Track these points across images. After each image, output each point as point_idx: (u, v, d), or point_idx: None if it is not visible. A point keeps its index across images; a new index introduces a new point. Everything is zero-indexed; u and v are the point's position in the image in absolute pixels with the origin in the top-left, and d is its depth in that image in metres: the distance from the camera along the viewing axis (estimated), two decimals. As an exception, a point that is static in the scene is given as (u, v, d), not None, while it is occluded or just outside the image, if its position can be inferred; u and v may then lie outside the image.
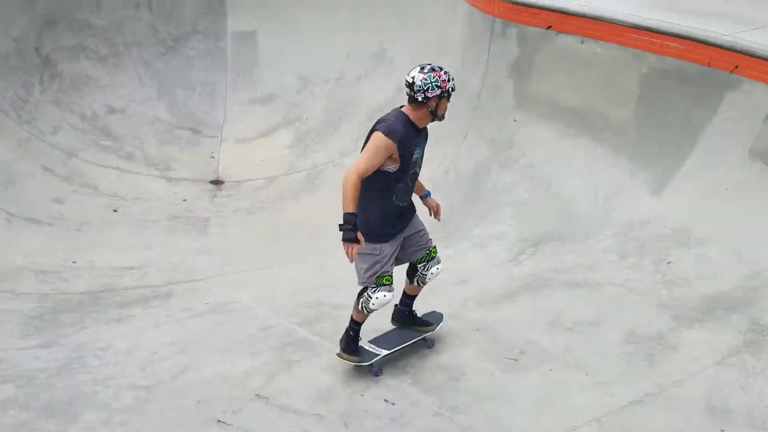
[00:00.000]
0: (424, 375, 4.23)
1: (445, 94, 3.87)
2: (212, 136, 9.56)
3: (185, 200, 8.20)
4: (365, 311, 4.08)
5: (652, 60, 6.16)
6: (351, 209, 3.68)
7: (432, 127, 8.18)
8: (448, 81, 3.85)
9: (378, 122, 3.87)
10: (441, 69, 3.87)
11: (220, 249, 7.09)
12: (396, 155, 3.76)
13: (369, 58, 9.77)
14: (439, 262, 4.33)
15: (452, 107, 7.60)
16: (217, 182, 8.77)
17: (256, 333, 4.87)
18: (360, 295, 4.09)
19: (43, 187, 7.59)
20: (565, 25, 6.60)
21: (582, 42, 6.48)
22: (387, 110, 8.76)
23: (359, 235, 3.71)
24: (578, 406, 3.87)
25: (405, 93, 3.87)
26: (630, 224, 5.82)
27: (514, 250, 5.99)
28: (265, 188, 8.61)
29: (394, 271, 4.09)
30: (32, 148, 8.04)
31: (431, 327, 4.49)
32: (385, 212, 3.90)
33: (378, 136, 3.72)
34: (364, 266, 3.98)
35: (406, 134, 3.81)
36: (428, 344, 4.52)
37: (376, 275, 3.99)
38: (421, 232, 4.22)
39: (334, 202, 7.92)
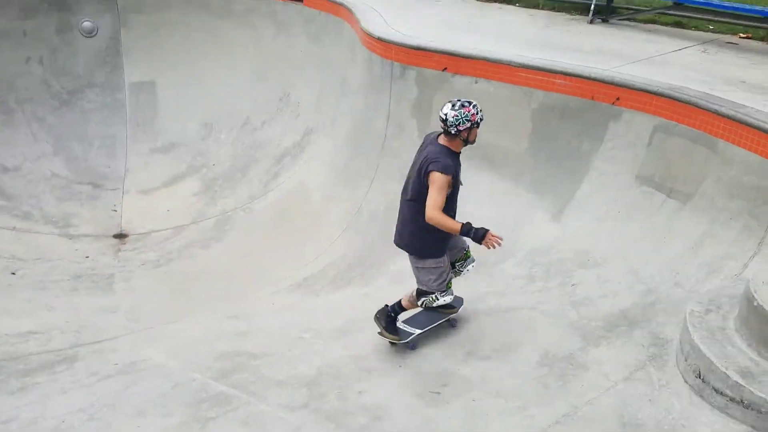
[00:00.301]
0: (345, 419, 4.20)
1: (475, 126, 4.40)
2: (114, 189, 9.27)
3: (88, 257, 7.85)
4: (423, 306, 4.86)
5: (540, 96, 6.56)
6: (458, 225, 4.32)
7: (341, 168, 8.35)
8: (477, 114, 4.36)
9: (429, 162, 4.38)
10: (470, 104, 4.37)
11: (127, 305, 6.82)
12: (451, 183, 4.39)
13: (274, 102, 9.85)
14: (474, 261, 5.00)
15: (361, 147, 7.86)
16: (120, 236, 8.46)
17: (170, 391, 4.68)
18: (422, 294, 4.81)
19: (-71, 254, 7.06)
20: (459, 67, 6.94)
21: (476, 82, 6.83)
22: (295, 153, 9.10)
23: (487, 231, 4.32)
24: (500, 432, 3.97)
25: (440, 126, 4.42)
26: (536, 250, 6.10)
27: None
28: (173, 238, 8.39)
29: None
30: None
31: (454, 310, 5.15)
32: (443, 231, 4.42)
33: (438, 176, 4.30)
34: (433, 277, 4.72)
35: (453, 164, 4.43)
36: (452, 323, 5.20)
37: (444, 282, 4.76)
38: (456, 237, 4.70)
39: (244, 248, 7.93)
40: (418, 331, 4.96)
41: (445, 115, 4.33)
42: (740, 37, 8.57)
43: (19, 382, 5.03)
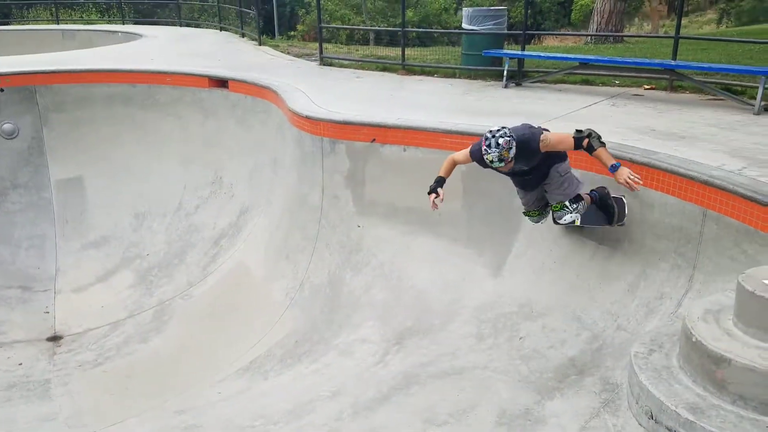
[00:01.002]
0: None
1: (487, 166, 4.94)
2: (45, 290, 8.90)
3: (21, 364, 7.42)
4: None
5: (468, 157, 6.80)
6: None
7: (280, 243, 8.27)
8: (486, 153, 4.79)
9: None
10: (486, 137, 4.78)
11: (67, 411, 6.46)
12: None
13: (206, 186, 9.83)
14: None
15: (298, 221, 7.86)
16: (55, 338, 8.07)
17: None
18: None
19: None
20: (386, 137, 7.16)
21: (404, 150, 7.05)
22: (232, 234, 9.02)
23: None
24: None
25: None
26: (481, 306, 6.18)
27: (379, 352, 6.06)
28: (110, 335, 8.05)
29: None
30: None
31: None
32: None
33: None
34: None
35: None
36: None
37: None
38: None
39: (186, 337, 7.70)
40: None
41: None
42: (645, 89, 9.21)
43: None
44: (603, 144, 4.85)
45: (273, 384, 6.15)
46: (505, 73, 9.64)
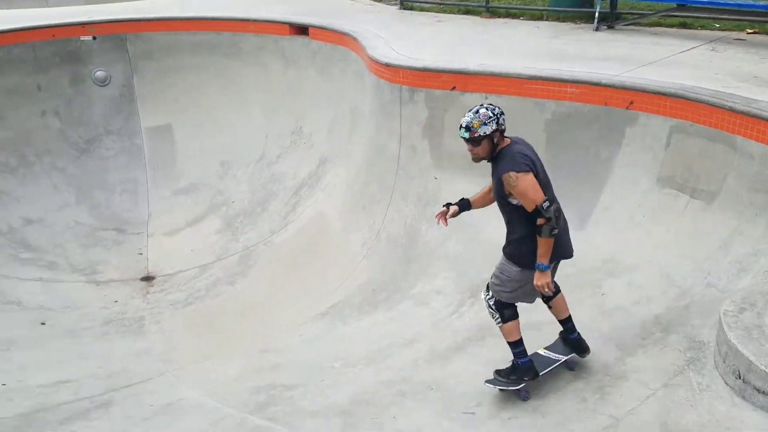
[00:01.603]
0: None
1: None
2: (138, 233, 9.38)
3: (117, 302, 7.91)
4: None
5: (552, 106, 6.55)
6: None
7: (357, 194, 8.31)
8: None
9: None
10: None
11: (160, 347, 6.85)
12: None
13: (287, 136, 9.96)
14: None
15: (376, 171, 7.87)
16: (148, 278, 8.53)
17: (208, 429, 4.69)
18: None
19: (-39, 311, 7.17)
20: (467, 84, 6.96)
21: (486, 98, 6.84)
22: (311, 184, 9.14)
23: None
24: (541, 449, 3.90)
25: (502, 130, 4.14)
26: (562, 262, 6.02)
27: (454, 303, 6.07)
28: (199, 277, 8.44)
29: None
30: (-55, 272, 7.64)
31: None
32: None
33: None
34: None
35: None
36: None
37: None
38: None
39: (269, 281, 7.96)
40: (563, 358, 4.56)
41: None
42: (747, 33, 8.50)
43: (55, 433, 5.06)
44: (551, 237, 4.02)
45: (351, 329, 6.30)
46: (596, 14, 9.12)
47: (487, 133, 4.06)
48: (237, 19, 10.47)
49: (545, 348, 4.68)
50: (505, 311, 4.42)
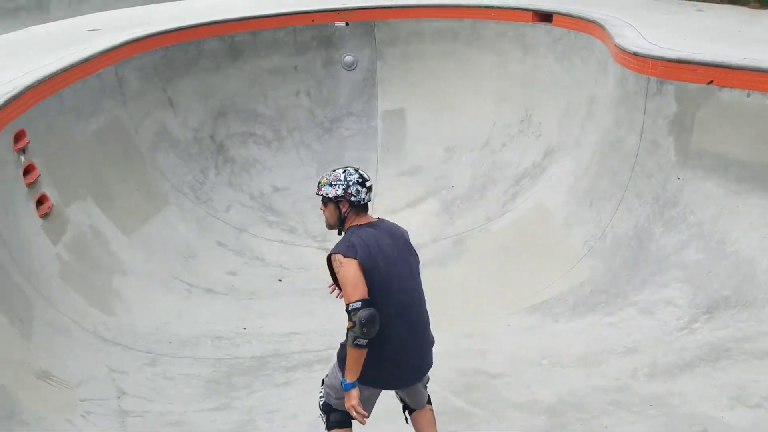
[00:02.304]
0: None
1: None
2: (365, 208, 9.98)
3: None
4: None
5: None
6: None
7: (585, 188, 7.94)
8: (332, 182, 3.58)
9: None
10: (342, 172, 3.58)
11: (374, 313, 7.26)
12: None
13: (515, 124, 9.85)
14: None
15: (608, 166, 7.44)
16: (368, 252, 9.05)
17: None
18: None
19: (218, 260, 8.27)
20: (727, 79, 6.22)
21: (748, 95, 6.07)
22: (534, 174, 8.95)
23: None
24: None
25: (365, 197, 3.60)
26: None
27: (686, 317, 5.54)
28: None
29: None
30: (208, 226, 8.86)
31: None
32: None
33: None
34: None
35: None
36: None
37: None
38: None
39: (480, 268, 7.97)
40: None
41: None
42: None
43: (283, 377, 5.65)
44: (356, 347, 3.23)
45: (563, 328, 6.09)
46: None
47: (329, 195, 3.50)
48: (480, 6, 10.54)
49: None
50: (332, 415, 3.61)
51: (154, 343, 6.03)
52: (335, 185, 3.51)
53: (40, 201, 6.54)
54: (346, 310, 3.25)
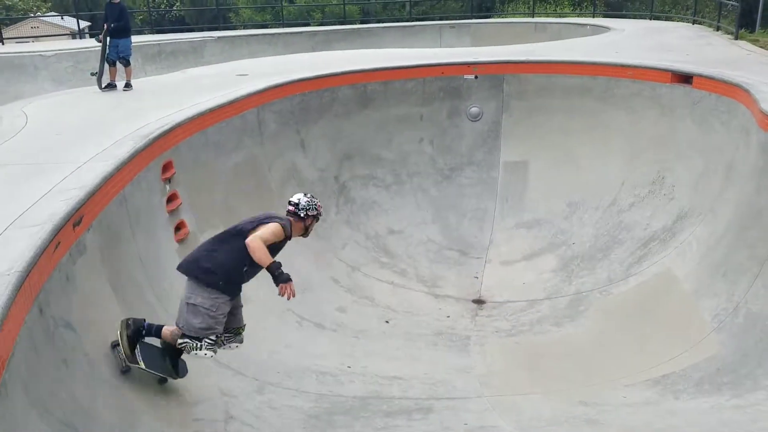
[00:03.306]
0: None
1: (317, 218, 5.14)
2: (478, 258, 9.94)
3: (449, 317, 8.49)
4: (181, 348, 4.83)
5: None
6: (271, 259, 4.69)
7: (718, 258, 7.48)
8: (321, 208, 5.16)
9: (271, 218, 4.93)
10: (316, 199, 5.18)
11: (480, 369, 7.10)
12: (280, 242, 4.89)
13: (645, 185, 9.47)
14: (241, 342, 5.18)
15: (748, 237, 6.94)
16: (479, 302, 8.95)
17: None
18: (185, 336, 4.77)
19: (330, 296, 8.51)
20: None
21: None
22: (664, 238, 8.50)
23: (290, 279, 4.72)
24: None
25: (288, 210, 5.08)
26: None
27: (823, 411, 4.97)
28: (527, 310, 8.53)
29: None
30: (325, 261, 9.17)
31: (175, 376, 5.06)
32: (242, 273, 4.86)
33: (277, 226, 4.82)
34: (197, 321, 4.73)
35: (288, 235, 4.95)
36: (160, 381, 5.05)
37: (211, 333, 4.81)
38: (238, 306, 5.10)
39: (598, 331, 7.61)
40: (142, 366, 4.79)
41: (298, 200, 5.06)
42: None
43: (382, 422, 5.63)
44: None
45: (684, 406, 5.64)
46: None
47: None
48: (615, 64, 10.43)
49: None
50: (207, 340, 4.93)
51: (263, 371, 6.26)
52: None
53: (179, 227, 7.11)
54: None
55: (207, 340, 4.77)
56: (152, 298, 6.04)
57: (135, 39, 17.71)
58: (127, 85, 10.29)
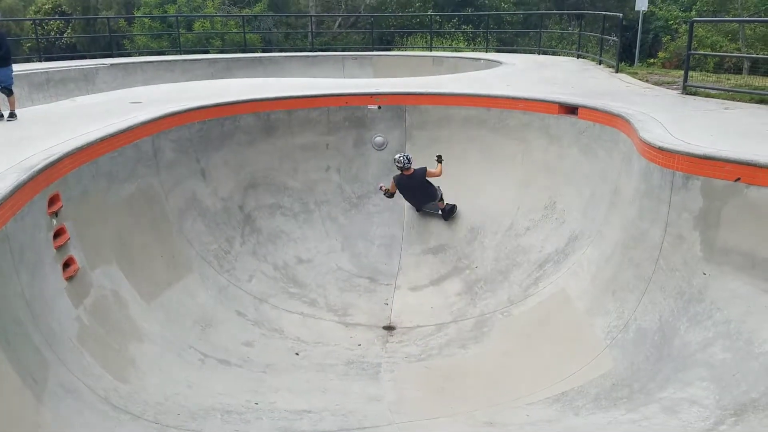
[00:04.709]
0: None
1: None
2: (387, 284, 10.00)
3: (360, 345, 8.45)
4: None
5: None
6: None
7: (607, 277, 7.86)
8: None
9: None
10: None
11: (391, 396, 7.10)
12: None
13: (539, 210, 9.91)
14: None
15: (632, 257, 7.38)
16: (389, 328, 8.99)
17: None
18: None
19: (236, 331, 8.25)
20: (756, 177, 6.22)
21: (777, 193, 6.04)
22: (557, 260, 8.95)
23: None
24: None
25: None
26: None
27: (712, 419, 5.31)
28: (435, 335, 8.65)
29: None
30: (229, 295, 8.91)
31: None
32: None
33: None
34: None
35: None
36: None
37: None
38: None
39: (501, 352, 7.83)
40: None
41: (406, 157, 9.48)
42: None
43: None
44: None
45: (584, 422, 5.88)
46: None
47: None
48: (508, 97, 10.89)
49: None
50: None
51: (162, 414, 5.94)
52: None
53: (67, 264, 6.69)
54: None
55: None
56: (38, 339, 5.62)
57: (22, 67, 16.82)
58: (12, 115, 9.66)
